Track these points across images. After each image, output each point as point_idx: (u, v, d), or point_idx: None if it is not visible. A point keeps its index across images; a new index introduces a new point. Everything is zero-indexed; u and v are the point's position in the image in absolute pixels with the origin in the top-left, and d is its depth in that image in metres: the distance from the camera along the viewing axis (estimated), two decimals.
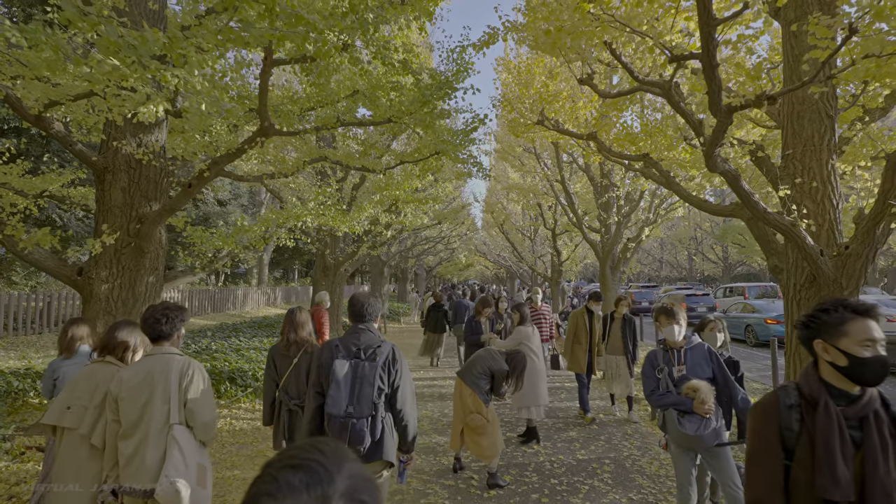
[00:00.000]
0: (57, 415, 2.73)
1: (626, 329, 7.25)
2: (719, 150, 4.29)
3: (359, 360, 2.85)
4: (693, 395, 3.28)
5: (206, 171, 5.51)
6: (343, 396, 2.75)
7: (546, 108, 8.34)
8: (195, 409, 2.65)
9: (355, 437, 2.72)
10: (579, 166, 14.87)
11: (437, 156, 7.15)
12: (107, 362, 2.89)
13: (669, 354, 3.52)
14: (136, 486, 2.53)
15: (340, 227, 8.68)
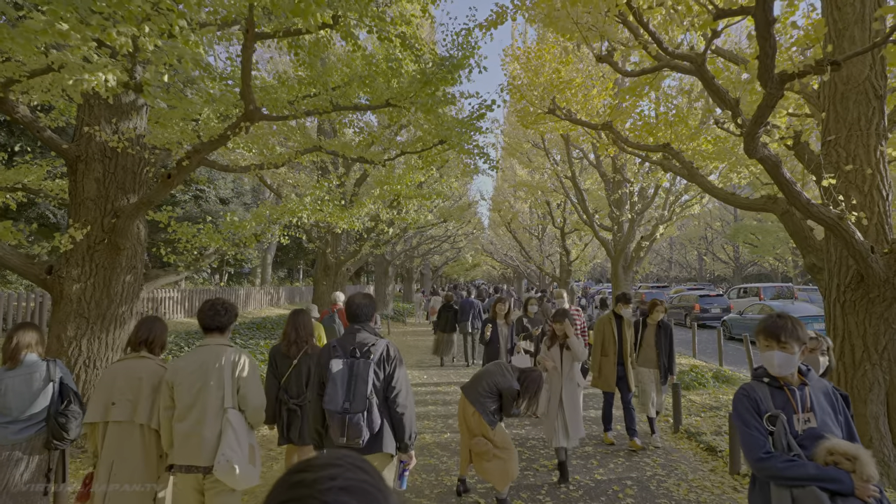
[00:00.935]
0: (102, 411, 2.93)
1: (661, 338, 6.14)
2: (761, 132, 3.74)
3: (354, 359, 2.95)
4: (848, 467, 2.01)
5: (186, 160, 5.02)
6: (339, 393, 2.85)
7: (557, 96, 7.80)
8: (247, 394, 2.89)
9: (353, 431, 2.82)
10: (590, 162, 14.31)
11: (440, 146, 6.63)
12: (142, 357, 3.09)
13: (786, 394, 2.20)
14: (195, 463, 2.77)
15: (339, 223, 8.20)
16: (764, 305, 15.29)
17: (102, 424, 2.95)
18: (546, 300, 14.64)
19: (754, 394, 2.22)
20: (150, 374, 3.02)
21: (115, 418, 2.92)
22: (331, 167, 12.39)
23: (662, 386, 6.16)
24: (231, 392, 2.86)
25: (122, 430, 2.93)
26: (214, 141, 4.96)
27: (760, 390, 2.23)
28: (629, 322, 6.16)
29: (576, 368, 4.96)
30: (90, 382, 5.19)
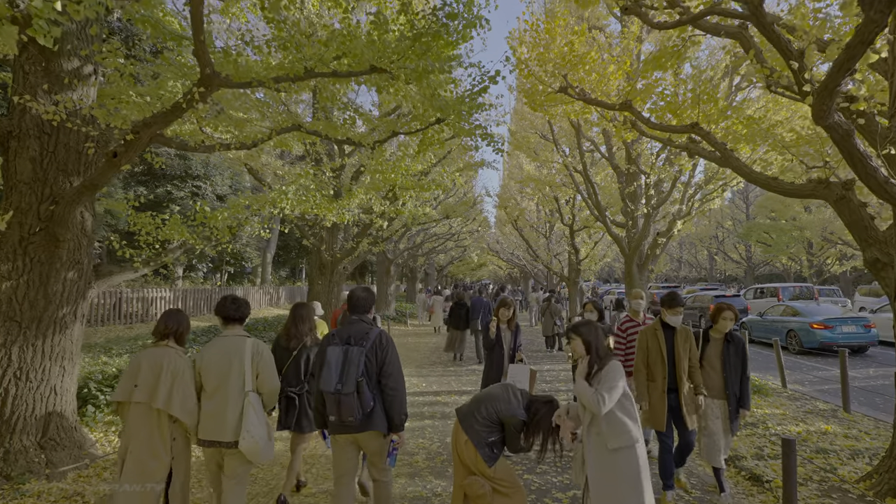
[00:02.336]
0: (127, 392, 3.17)
1: (729, 356, 4.49)
2: (842, 86, 2.91)
3: (349, 346, 3.24)
4: None
5: (133, 134, 4.23)
6: (333, 376, 3.13)
7: (570, 74, 6.98)
8: (265, 379, 3.34)
9: (346, 410, 3.09)
10: (602, 154, 13.45)
11: (437, 125, 5.81)
12: (167, 346, 3.30)
13: None
14: (218, 439, 3.19)
15: (327, 215, 7.41)
16: (787, 306, 14.37)
17: (127, 404, 3.21)
18: (555, 300, 13.82)
19: None
20: (170, 362, 3.23)
21: (136, 399, 3.17)
22: (325, 158, 11.60)
23: (732, 423, 4.47)
24: (251, 377, 3.31)
25: (140, 411, 3.18)
26: (167, 112, 4.17)
27: None
28: (685, 334, 4.45)
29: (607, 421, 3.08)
30: (21, 398, 4.41)
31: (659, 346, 4.41)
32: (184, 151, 5.03)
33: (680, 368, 4.34)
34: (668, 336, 4.43)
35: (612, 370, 3.05)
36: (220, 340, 3.38)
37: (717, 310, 4.71)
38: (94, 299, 14.02)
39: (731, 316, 4.58)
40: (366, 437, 3.22)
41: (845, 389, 7.30)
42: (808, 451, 5.34)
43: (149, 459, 3.16)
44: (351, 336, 3.28)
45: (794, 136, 6.12)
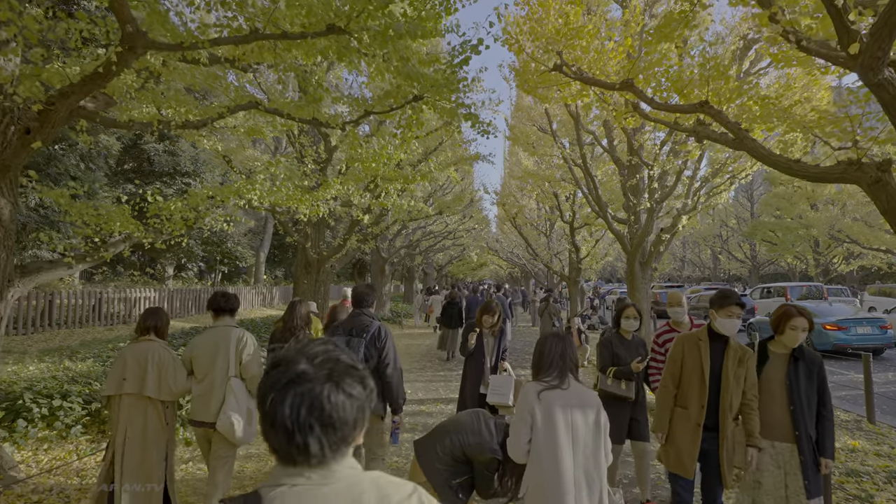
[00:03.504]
0: (116, 385, 3.43)
1: (796, 381, 3.20)
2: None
3: (351, 337, 3.67)
4: None
5: (49, 106, 3.60)
6: None
7: (565, 50, 6.32)
8: (248, 365, 3.64)
9: None
10: (602, 147, 12.78)
11: (415, 103, 5.16)
12: (149, 340, 3.54)
13: None
14: (205, 419, 3.55)
15: (300, 207, 6.78)
16: None
17: (117, 397, 3.40)
18: (553, 300, 13.14)
19: None
20: (154, 353, 3.46)
21: (127, 391, 3.38)
22: (309, 151, 10.96)
23: (808, 481, 3.07)
24: (234, 364, 3.58)
25: (132, 402, 3.39)
26: (87, 80, 3.53)
27: None
28: (741, 353, 3.21)
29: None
30: None
31: (699, 360, 3.22)
32: (117, 129, 4.39)
33: (726, 399, 3.13)
34: (715, 350, 3.23)
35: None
36: (210, 331, 3.70)
37: (783, 316, 3.30)
38: (70, 300, 13.41)
39: (802, 325, 3.19)
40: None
41: (869, 398, 6.62)
42: (836, 474, 4.67)
43: (145, 457, 3.36)
44: (353, 328, 3.68)
45: (816, 115, 5.46)
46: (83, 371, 7.56)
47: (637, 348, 4.39)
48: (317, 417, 0.95)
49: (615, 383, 4.19)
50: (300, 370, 0.96)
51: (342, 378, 0.98)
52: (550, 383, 2.53)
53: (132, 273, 19.48)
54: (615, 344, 4.42)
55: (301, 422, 0.94)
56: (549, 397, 2.48)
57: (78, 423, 5.13)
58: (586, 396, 2.52)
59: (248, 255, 26.98)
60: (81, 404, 5.29)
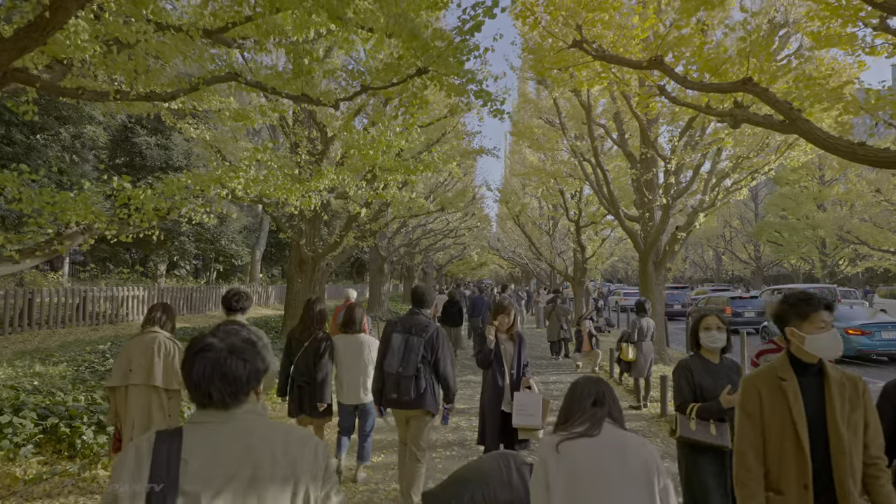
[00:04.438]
0: (122, 377, 3.53)
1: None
2: None
3: (410, 335, 3.81)
4: None
5: None
6: (395, 360, 3.74)
7: (585, 26, 5.67)
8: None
9: (404, 389, 3.69)
10: (613, 140, 12.14)
11: (419, 78, 4.51)
12: (153, 332, 3.66)
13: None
14: None
15: (290, 198, 6.13)
16: None
17: (123, 388, 3.54)
18: (561, 301, 12.49)
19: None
20: (160, 344, 3.59)
21: (133, 382, 3.51)
22: (304, 142, 10.29)
23: None
24: None
25: (139, 392, 3.51)
26: (18, 35, 2.88)
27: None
28: (851, 385, 2.16)
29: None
30: None
31: (788, 411, 2.09)
32: (65, 98, 3.73)
33: (842, 465, 2.01)
34: (808, 389, 2.13)
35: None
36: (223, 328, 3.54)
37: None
38: (53, 299, 12.74)
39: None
40: (415, 415, 3.81)
41: None
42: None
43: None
44: (412, 327, 3.82)
45: (874, 95, 4.84)
46: (52, 377, 6.90)
47: (729, 374, 3.11)
48: (223, 375, 1.32)
49: (701, 426, 2.96)
50: (207, 342, 1.36)
51: (239, 349, 1.36)
52: (574, 431, 1.83)
53: (121, 270, 18.78)
54: (696, 370, 3.11)
55: (210, 377, 1.31)
56: (572, 449, 1.77)
57: (29, 442, 4.47)
58: (629, 444, 1.80)
59: (244, 253, 26.28)
60: (35, 420, 4.63)
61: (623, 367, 7.38)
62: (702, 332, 3.15)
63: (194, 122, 9.45)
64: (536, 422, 3.72)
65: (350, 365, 4.34)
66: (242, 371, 1.34)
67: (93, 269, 18.99)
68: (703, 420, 2.96)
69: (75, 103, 13.12)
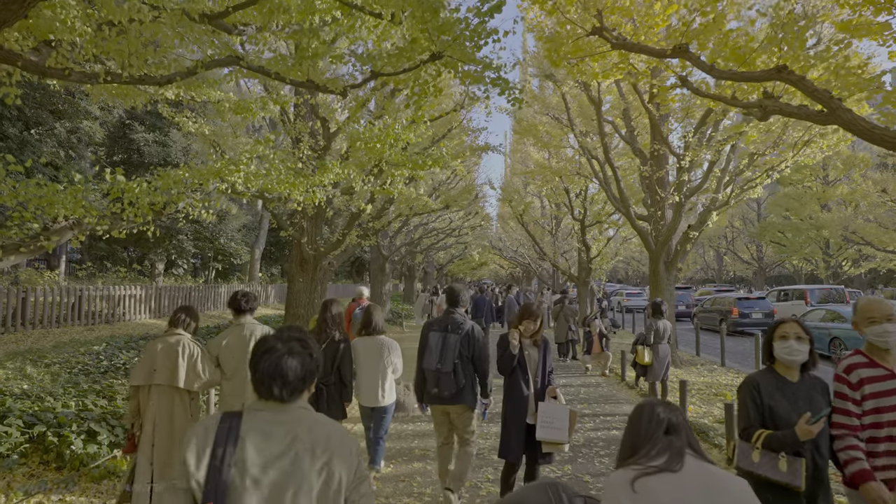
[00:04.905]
0: (146, 376, 3.58)
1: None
2: None
3: (447, 333, 3.98)
4: None
5: None
6: (434, 357, 3.93)
7: (605, 10, 5.37)
8: None
9: (443, 385, 3.86)
10: (622, 137, 11.86)
11: (432, 64, 4.21)
12: (178, 334, 3.72)
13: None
14: (240, 410, 3.26)
15: (292, 193, 5.83)
16: (829, 311, 12.77)
17: (147, 387, 3.59)
18: (569, 302, 12.20)
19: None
20: (185, 346, 3.65)
21: (157, 382, 3.56)
22: (306, 137, 9.97)
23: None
24: None
25: (162, 392, 3.58)
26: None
27: None
28: None
29: None
30: None
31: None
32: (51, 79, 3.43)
33: None
34: None
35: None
36: (234, 329, 3.96)
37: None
38: (48, 298, 12.43)
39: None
40: (456, 409, 3.94)
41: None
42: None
43: (172, 444, 3.46)
44: (448, 325, 3.96)
45: None
46: (43, 380, 6.61)
47: (810, 396, 2.53)
48: (282, 374, 1.51)
49: (767, 459, 2.43)
50: (271, 345, 1.55)
51: (296, 352, 1.55)
52: (650, 465, 1.52)
53: (118, 269, 18.45)
54: (766, 389, 2.56)
55: (271, 374, 1.51)
56: (652, 487, 1.47)
57: (15, 452, 4.16)
58: (718, 479, 1.50)
59: (243, 251, 25.96)
60: (21, 428, 4.33)
61: (638, 370, 7.09)
62: (777, 342, 2.60)
63: (192, 115, 9.15)
64: (563, 436, 3.43)
65: (369, 367, 4.31)
66: (299, 372, 1.52)
67: (89, 267, 18.67)
68: (772, 451, 2.42)
69: (70, 97, 12.80)
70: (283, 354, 1.52)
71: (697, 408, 6.97)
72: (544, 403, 3.58)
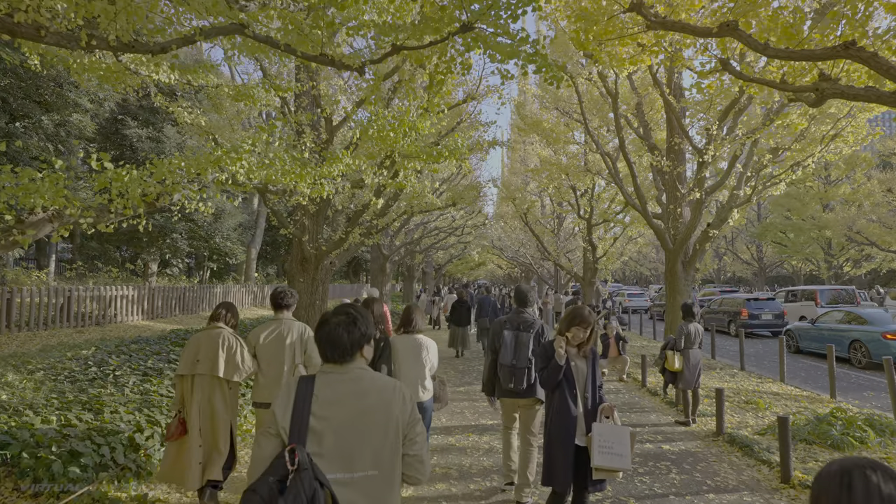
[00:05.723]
0: (189, 366, 3.87)
1: None
2: None
3: (519, 331, 4.28)
4: None
5: None
6: (509, 354, 4.20)
7: None
8: (312, 355, 4.16)
9: (518, 379, 4.12)
10: (635, 132, 11.40)
11: (461, 36, 3.72)
12: (218, 327, 4.00)
13: None
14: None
15: (299, 185, 5.33)
16: (847, 312, 12.34)
17: (190, 377, 3.87)
18: (581, 303, 11.73)
19: None
20: (225, 339, 3.92)
21: (199, 372, 3.84)
22: (307, 130, 9.45)
23: None
24: (300, 352, 4.16)
25: (204, 381, 3.86)
26: None
27: None
28: None
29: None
30: None
31: None
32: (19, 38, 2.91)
33: None
34: None
35: None
36: (273, 323, 4.22)
37: None
38: (35, 299, 11.85)
39: None
40: (526, 403, 4.25)
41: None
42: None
43: (214, 427, 3.85)
44: (520, 324, 4.31)
45: None
46: (25, 389, 6.06)
47: None
48: (332, 341, 1.82)
49: None
50: (326, 318, 1.88)
51: (345, 323, 1.84)
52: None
53: (110, 269, 17.84)
54: None
55: (326, 342, 1.83)
56: None
57: None
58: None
59: (239, 251, 25.37)
60: None
61: (667, 377, 6.62)
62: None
63: (188, 105, 8.62)
64: (626, 463, 2.94)
65: (408, 365, 4.28)
66: (346, 339, 1.82)
67: (80, 266, 18.05)
68: None
69: (58, 88, 12.20)
70: (335, 326, 1.83)
71: (730, 417, 6.50)
72: (600, 425, 3.08)
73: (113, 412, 4.88)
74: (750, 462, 5.06)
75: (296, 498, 1.56)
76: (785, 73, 5.04)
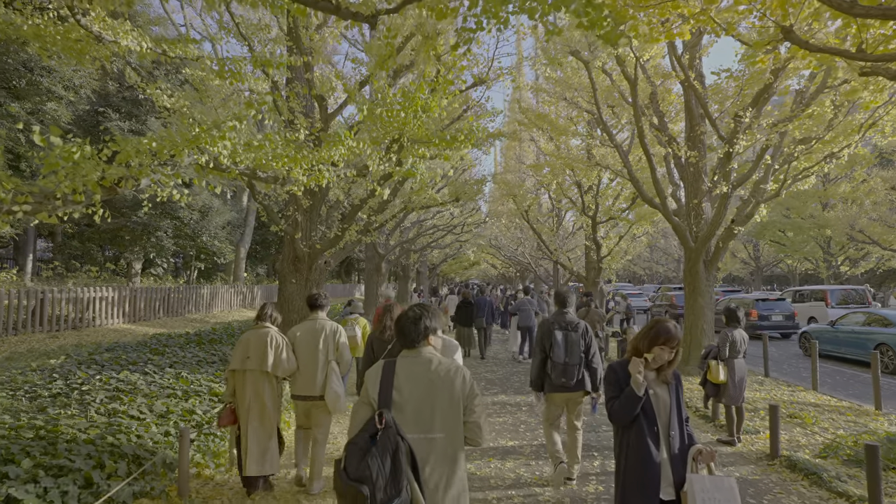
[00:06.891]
0: (240, 362, 4.25)
1: None
2: None
3: (567, 331, 4.64)
4: None
5: None
6: (561, 352, 4.53)
7: None
8: (342, 352, 4.57)
9: (569, 375, 4.50)
10: (652, 124, 10.69)
11: None
12: (265, 326, 4.36)
13: None
14: (310, 393, 4.41)
15: (294, 172, 4.56)
16: (871, 314, 11.73)
17: (241, 372, 4.24)
18: (595, 305, 10.98)
19: None
20: (272, 338, 4.29)
21: (250, 367, 4.21)
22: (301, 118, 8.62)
23: None
24: (332, 350, 4.50)
25: (254, 377, 4.22)
26: None
27: None
28: None
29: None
30: None
31: None
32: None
33: None
34: None
35: None
36: (309, 323, 4.57)
37: None
38: (4, 301, 10.92)
39: None
40: (576, 395, 4.66)
41: None
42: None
43: (264, 416, 4.24)
44: (567, 324, 4.67)
45: None
46: None
47: None
48: (404, 332, 2.31)
49: None
50: (403, 314, 2.36)
51: (414, 318, 2.31)
52: None
53: (90, 269, 16.88)
54: None
55: (399, 333, 2.33)
56: None
57: None
58: None
59: (227, 250, 24.41)
60: None
61: (709, 390, 5.88)
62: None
63: (168, 88, 7.79)
64: None
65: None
66: (414, 330, 2.30)
67: (57, 266, 17.06)
68: None
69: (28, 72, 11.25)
70: (406, 321, 2.32)
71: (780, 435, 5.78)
72: (699, 477, 2.33)
73: (68, 441, 4.06)
74: (822, 494, 4.34)
75: (384, 448, 1.99)
76: (864, 41, 4.31)
